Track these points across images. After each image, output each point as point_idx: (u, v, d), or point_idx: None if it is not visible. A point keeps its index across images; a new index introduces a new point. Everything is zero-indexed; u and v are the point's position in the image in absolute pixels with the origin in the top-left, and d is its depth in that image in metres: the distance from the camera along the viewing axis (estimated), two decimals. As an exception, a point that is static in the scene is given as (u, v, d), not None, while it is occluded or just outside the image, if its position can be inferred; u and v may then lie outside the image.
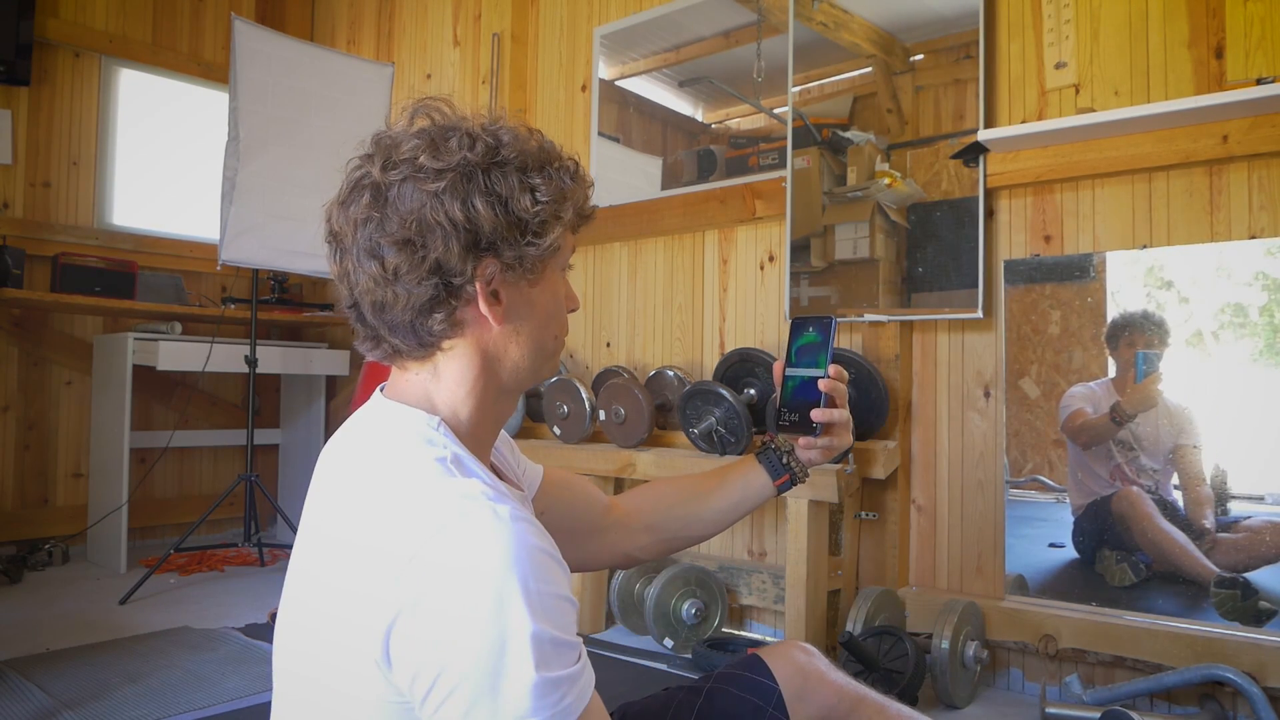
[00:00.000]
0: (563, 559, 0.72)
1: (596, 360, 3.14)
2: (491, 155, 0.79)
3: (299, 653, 0.78)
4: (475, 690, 0.64)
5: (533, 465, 1.09)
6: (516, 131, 0.83)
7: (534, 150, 0.82)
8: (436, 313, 0.79)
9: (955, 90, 2.29)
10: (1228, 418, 1.92)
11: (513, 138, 0.82)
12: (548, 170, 0.82)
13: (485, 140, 0.80)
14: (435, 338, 0.81)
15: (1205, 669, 1.79)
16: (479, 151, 0.79)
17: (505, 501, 0.71)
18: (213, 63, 4.10)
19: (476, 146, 0.79)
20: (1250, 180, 1.92)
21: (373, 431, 0.82)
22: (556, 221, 0.82)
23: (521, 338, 0.84)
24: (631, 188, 3.05)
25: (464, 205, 0.77)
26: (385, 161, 0.79)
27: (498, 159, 0.79)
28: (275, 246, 3.25)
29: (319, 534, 0.79)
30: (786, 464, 1.13)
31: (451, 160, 0.78)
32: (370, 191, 0.79)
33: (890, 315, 2.37)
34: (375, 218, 0.78)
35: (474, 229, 0.77)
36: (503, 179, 0.79)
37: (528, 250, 0.80)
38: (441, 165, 0.77)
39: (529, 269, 0.82)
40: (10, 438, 3.53)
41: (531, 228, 0.80)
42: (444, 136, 0.80)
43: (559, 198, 0.81)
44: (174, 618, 2.74)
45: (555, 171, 0.82)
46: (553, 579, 0.68)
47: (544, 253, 0.81)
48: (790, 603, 2.22)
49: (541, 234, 0.80)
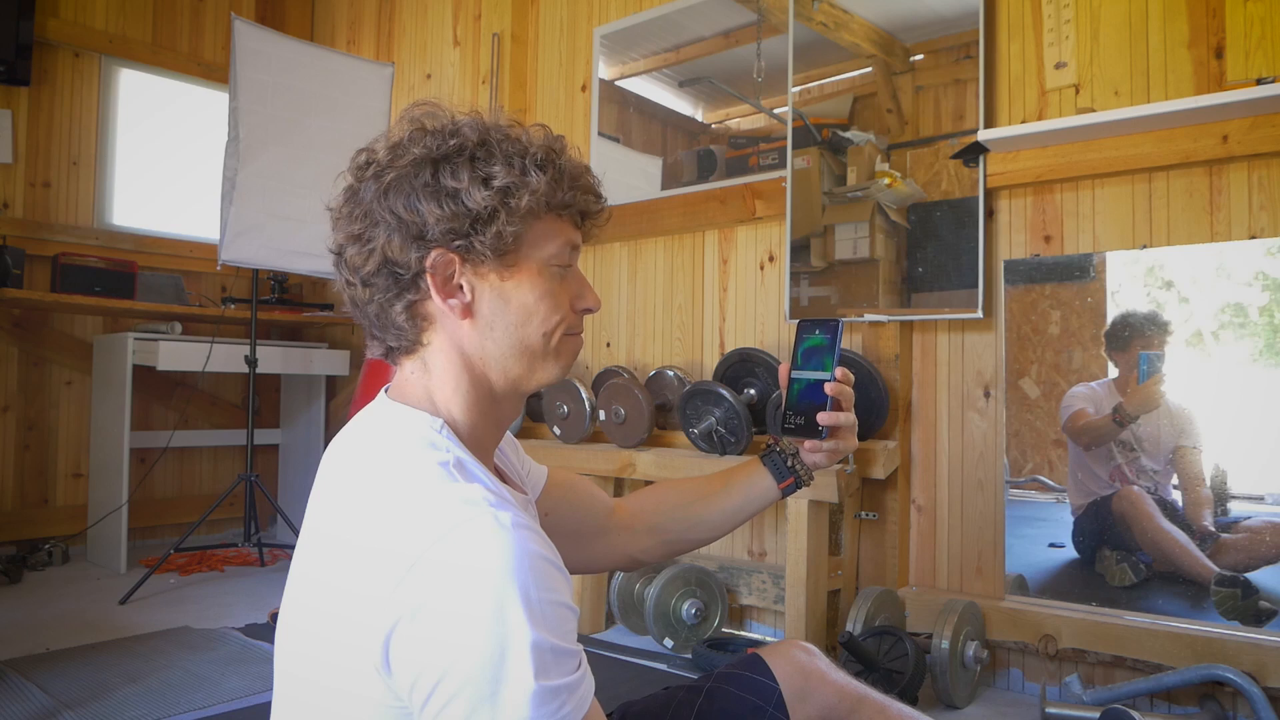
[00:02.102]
0: (564, 566, 0.72)
1: (596, 360, 3.14)
2: (444, 148, 0.79)
3: (299, 655, 0.78)
4: (474, 697, 0.64)
5: (537, 466, 1.09)
6: (493, 124, 0.82)
7: (497, 141, 0.81)
8: (395, 305, 0.81)
9: (955, 90, 2.30)
10: (1228, 418, 1.92)
11: (476, 129, 0.81)
12: (512, 160, 0.80)
13: (443, 134, 0.80)
14: (405, 331, 0.82)
15: (1205, 669, 1.79)
16: (431, 146, 0.79)
17: (507, 508, 0.70)
18: (213, 63, 4.10)
19: (429, 141, 0.80)
20: (1250, 180, 1.92)
21: (376, 433, 0.82)
22: (505, 209, 0.79)
23: (497, 333, 0.82)
24: (631, 188, 3.05)
25: (407, 199, 0.78)
26: (359, 166, 0.82)
27: (449, 150, 0.79)
28: (275, 246, 3.25)
29: (321, 536, 0.79)
30: (791, 467, 1.12)
31: (406, 156, 0.79)
32: (346, 193, 0.83)
33: (890, 315, 2.37)
34: (344, 217, 0.82)
35: (418, 220, 0.78)
36: (453, 171, 0.79)
37: (475, 240, 0.79)
38: (397, 162, 0.79)
39: (494, 260, 0.80)
40: (10, 438, 3.53)
41: (481, 217, 0.78)
42: (406, 134, 0.81)
43: (513, 186, 0.79)
44: (174, 618, 2.74)
45: (520, 160, 0.80)
46: (554, 586, 0.68)
47: (494, 242, 0.79)
48: (790, 603, 2.22)
49: (489, 222, 0.78)
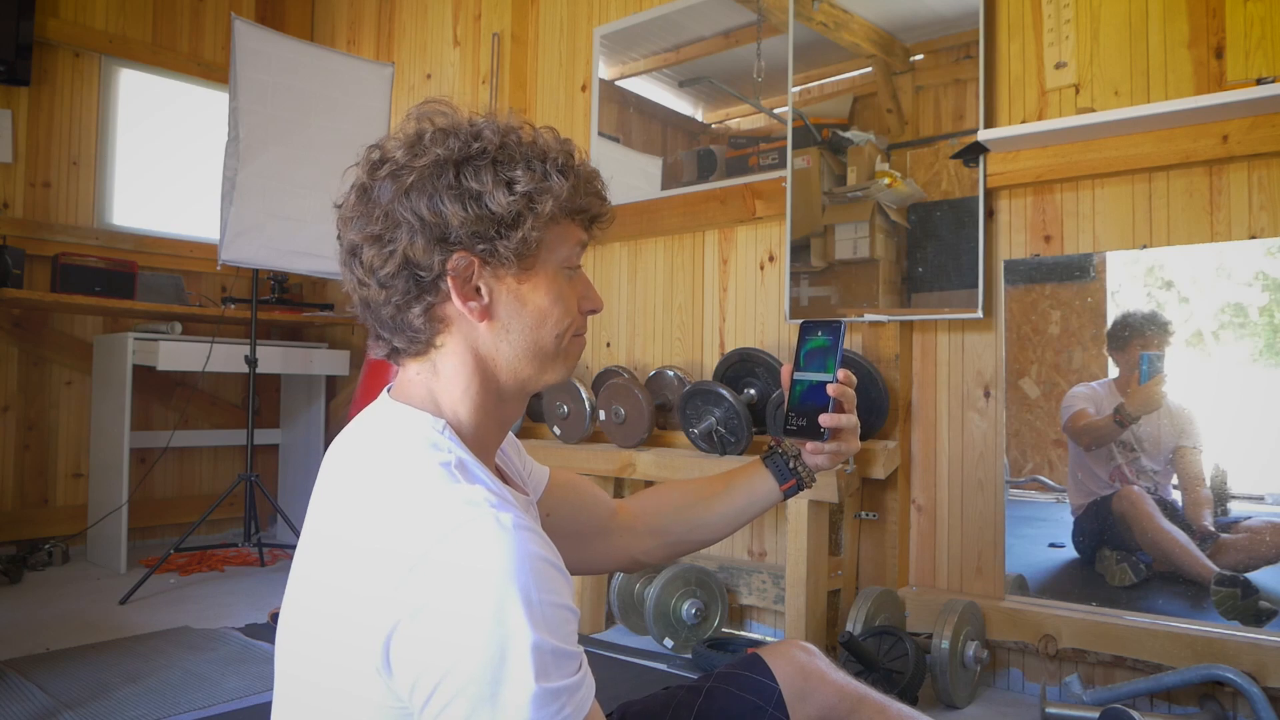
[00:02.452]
0: (565, 568, 0.72)
1: (596, 360, 3.14)
2: (466, 150, 0.79)
3: (299, 655, 0.78)
4: (475, 699, 0.64)
5: (539, 467, 1.08)
6: (508, 126, 0.82)
7: (516, 143, 0.81)
8: (414, 307, 0.80)
9: (955, 90, 2.29)
10: (1228, 418, 1.92)
11: (496, 132, 0.81)
12: (533, 164, 0.80)
13: (463, 135, 0.80)
14: (420, 333, 0.81)
15: (1205, 669, 1.79)
16: (453, 147, 0.79)
17: (508, 509, 0.70)
18: (213, 63, 4.10)
19: (450, 142, 0.79)
20: (1250, 180, 1.92)
21: (378, 434, 0.82)
22: (530, 214, 0.79)
23: (513, 335, 0.82)
24: (631, 188, 3.05)
25: (430, 200, 0.78)
26: (371, 164, 0.81)
27: (471, 153, 0.79)
28: (275, 246, 3.25)
29: (322, 537, 0.79)
30: (793, 469, 1.12)
31: (426, 157, 0.79)
32: (356, 192, 0.82)
33: (890, 315, 2.37)
34: (358, 216, 0.81)
35: (441, 223, 0.77)
36: (475, 174, 0.78)
37: (500, 244, 0.79)
38: (416, 162, 0.78)
39: (513, 264, 0.80)
40: (10, 438, 3.53)
41: (505, 221, 0.78)
42: (424, 135, 0.80)
43: (536, 191, 0.79)
44: (174, 618, 2.74)
45: (540, 165, 0.80)
46: (554, 588, 0.68)
47: (519, 246, 0.79)
48: (790, 603, 2.22)
49: (515, 227, 0.79)
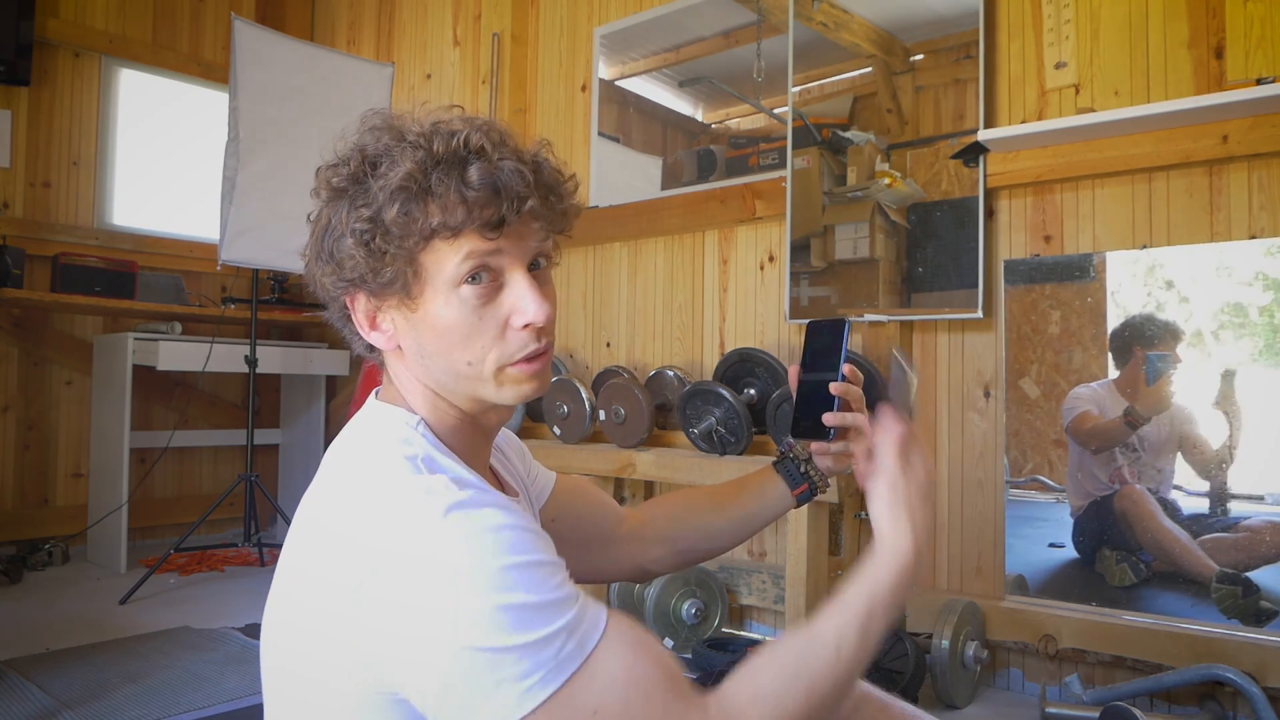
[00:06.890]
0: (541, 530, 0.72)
1: (596, 360, 3.14)
2: (342, 182, 0.77)
3: (281, 648, 0.78)
4: (462, 686, 0.64)
5: (545, 472, 1.07)
6: (389, 137, 0.76)
7: (374, 166, 0.75)
8: (346, 328, 0.84)
9: (955, 90, 2.29)
10: (1228, 418, 1.92)
11: (360, 155, 0.76)
12: (378, 195, 0.74)
13: (350, 163, 0.77)
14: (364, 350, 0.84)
15: (1205, 669, 1.79)
16: (335, 183, 0.78)
17: (468, 489, 0.70)
18: (213, 63, 4.10)
19: (336, 175, 0.78)
20: (1250, 180, 1.92)
21: (358, 432, 0.82)
22: (387, 249, 0.74)
23: (428, 362, 0.79)
24: (631, 188, 3.05)
25: (322, 240, 0.79)
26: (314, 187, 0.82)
27: (342, 186, 0.77)
28: (275, 246, 3.25)
29: (298, 530, 0.79)
30: (805, 473, 1.08)
31: (323, 191, 0.79)
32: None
33: (890, 315, 2.37)
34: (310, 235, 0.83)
35: (336, 263, 0.78)
36: (337, 213, 0.77)
37: (375, 282, 0.76)
38: (320, 195, 0.80)
39: (398, 295, 0.76)
40: (10, 438, 3.53)
41: (368, 262, 0.75)
42: (326, 165, 0.79)
43: (371, 232, 0.74)
44: (174, 618, 2.74)
45: (383, 194, 0.74)
46: (521, 549, 0.67)
47: (392, 280, 0.75)
48: (790, 603, 2.21)
49: (380, 264, 0.75)
